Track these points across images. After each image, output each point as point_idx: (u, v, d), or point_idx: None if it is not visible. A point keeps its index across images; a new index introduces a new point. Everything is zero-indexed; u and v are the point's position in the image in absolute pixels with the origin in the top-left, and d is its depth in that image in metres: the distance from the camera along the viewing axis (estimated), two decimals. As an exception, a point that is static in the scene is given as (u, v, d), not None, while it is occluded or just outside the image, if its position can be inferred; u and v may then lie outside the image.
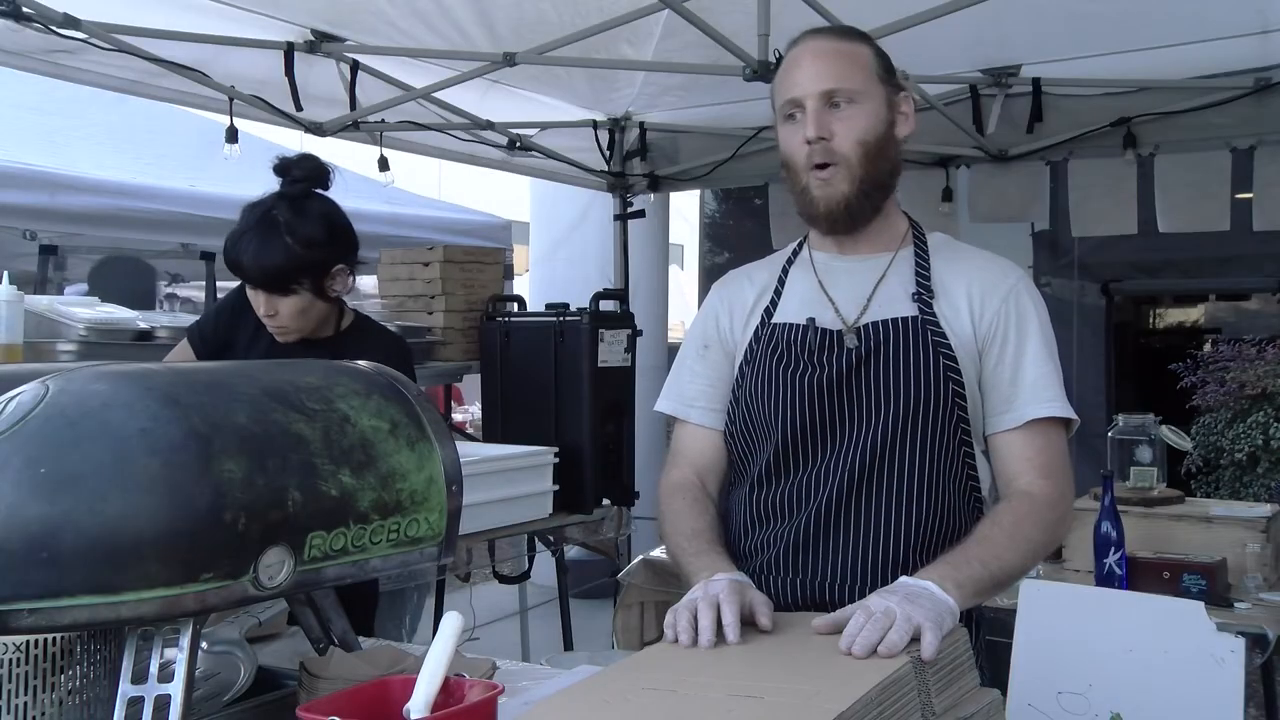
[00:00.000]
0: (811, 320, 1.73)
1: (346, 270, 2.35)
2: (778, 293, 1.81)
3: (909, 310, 1.71)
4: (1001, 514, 1.64)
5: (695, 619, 1.44)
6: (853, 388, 1.69)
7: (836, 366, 1.69)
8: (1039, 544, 1.65)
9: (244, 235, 2.27)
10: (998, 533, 1.60)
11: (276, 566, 1.25)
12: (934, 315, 1.70)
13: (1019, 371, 1.69)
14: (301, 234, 2.26)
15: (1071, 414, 1.70)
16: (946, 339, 1.69)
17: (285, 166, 2.33)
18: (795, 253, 1.86)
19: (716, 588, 1.49)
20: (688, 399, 1.85)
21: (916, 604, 1.39)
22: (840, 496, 1.67)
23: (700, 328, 1.88)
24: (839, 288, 1.76)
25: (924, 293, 1.72)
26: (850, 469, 1.67)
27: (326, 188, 2.36)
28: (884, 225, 1.78)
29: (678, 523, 1.74)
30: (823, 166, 1.68)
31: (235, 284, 2.47)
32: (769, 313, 1.80)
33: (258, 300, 2.31)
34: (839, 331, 1.71)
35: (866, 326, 1.70)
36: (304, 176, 2.32)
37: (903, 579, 1.49)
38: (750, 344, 1.79)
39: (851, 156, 1.68)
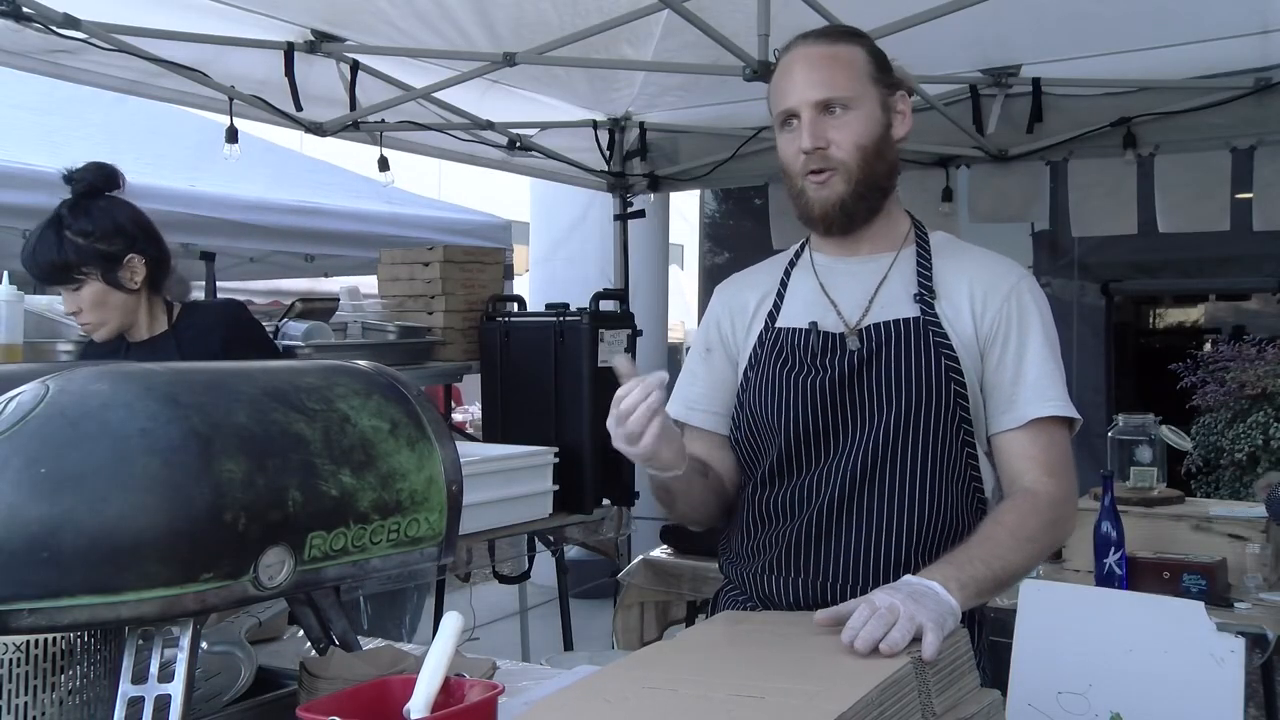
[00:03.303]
0: (814, 324, 1.73)
1: (141, 260, 2.48)
2: (780, 296, 1.81)
3: (910, 311, 1.70)
4: (1005, 512, 1.64)
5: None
6: (856, 389, 1.69)
7: (839, 369, 1.69)
8: (1042, 543, 1.65)
9: (30, 239, 2.45)
10: (1001, 532, 1.59)
11: (276, 566, 1.25)
12: (935, 316, 1.70)
13: (1021, 371, 1.69)
14: (78, 227, 2.42)
15: (1074, 413, 1.70)
16: (948, 339, 1.69)
17: (69, 176, 2.47)
18: (797, 254, 1.86)
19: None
20: (690, 402, 1.86)
21: (921, 603, 1.39)
22: (843, 497, 1.68)
23: (703, 332, 1.89)
24: (841, 290, 1.76)
25: (925, 293, 1.72)
26: (853, 470, 1.67)
27: (113, 189, 2.50)
28: (885, 225, 1.77)
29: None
30: (819, 172, 1.69)
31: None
32: (772, 317, 1.80)
33: (64, 301, 2.47)
34: (841, 334, 1.71)
35: (868, 328, 1.70)
36: (85, 179, 2.47)
37: (906, 578, 1.49)
38: (754, 348, 1.80)
39: (850, 162, 1.68)
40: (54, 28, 3.13)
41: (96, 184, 2.46)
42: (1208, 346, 5.66)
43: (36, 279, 2.49)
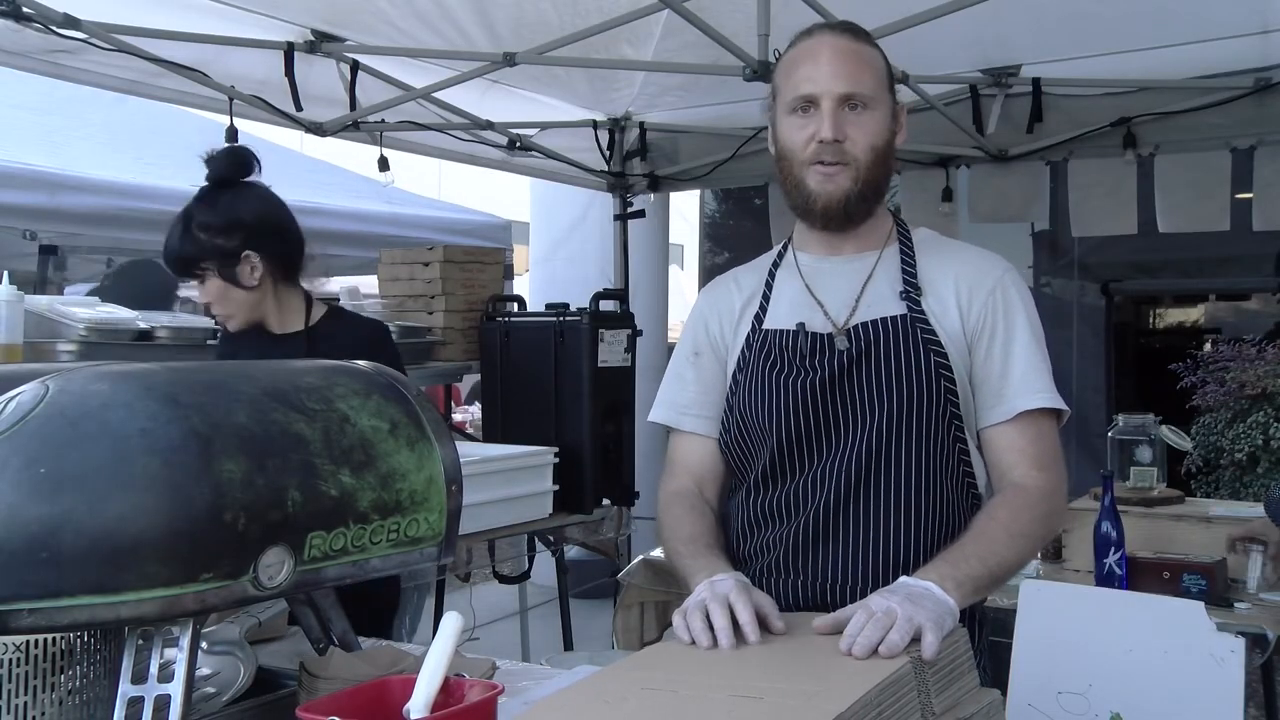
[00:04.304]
0: (801, 325, 1.73)
1: (259, 257, 2.42)
2: (766, 297, 1.81)
3: (897, 309, 1.71)
4: (997, 508, 1.64)
5: (709, 620, 1.43)
6: (846, 390, 1.69)
7: (829, 369, 1.69)
8: (1036, 537, 1.66)
9: (168, 231, 2.44)
10: (994, 528, 1.60)
11: (276, 566, 1.25)
12: (922, 312, 1.70)
13: (1008, 364, 1.69)
14: (200, 221, 2.39)
15: (1062, 404, 1.70)
16: (936, 336, 1.69)
17: (208, 158, 2.43)
18: (780, 255, 1.85)
19: (724, 587, 1.48)
20: (680, 407, 1.85)
21: (919, 605, 1.39)
22: (838, 498, 1.67)
23: (690, 335, 1.88)
24: (827, 290, 1.76)
25: (911, 290, 1.72)
26: (847, 471, 1.67)
27: (246, 176, 2.45)
28: (870, 225, 1.78)
29: (675, 529, 1.75)
30: (828, 164, 1.69)
31: None
32: (759, 319, 1.79)
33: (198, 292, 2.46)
34: (829, 334, 1.71)
35: (856, 328, 1.70)
36: (216, 169, 2.43)
37: (903, 579, 1.49)
38: (742, 351, 1.79)
39: (862, 160, 1.69)
40: (54, 28, 3.13)
41: (226, 175, 2.42)
42: (1207, 346, 5.66)
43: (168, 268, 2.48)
